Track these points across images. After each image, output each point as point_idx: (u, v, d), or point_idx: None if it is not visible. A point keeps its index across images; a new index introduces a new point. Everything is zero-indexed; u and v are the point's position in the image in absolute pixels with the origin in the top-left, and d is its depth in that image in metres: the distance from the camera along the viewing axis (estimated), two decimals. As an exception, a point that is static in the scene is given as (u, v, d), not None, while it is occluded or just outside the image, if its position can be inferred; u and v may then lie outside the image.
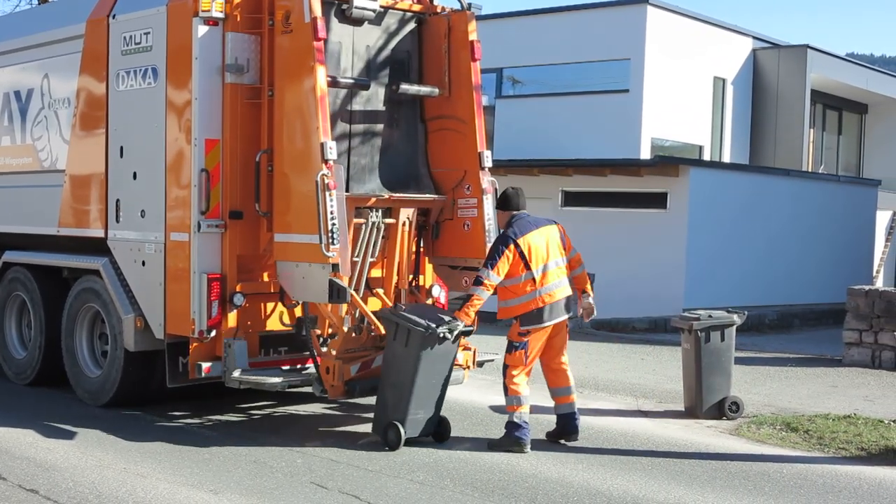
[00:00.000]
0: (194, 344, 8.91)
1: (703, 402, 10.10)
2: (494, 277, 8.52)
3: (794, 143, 26.70)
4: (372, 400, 8.87)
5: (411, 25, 9.84)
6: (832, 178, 25.74)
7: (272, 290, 9.26)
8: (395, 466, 7.97)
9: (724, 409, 10.09)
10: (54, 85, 10.69)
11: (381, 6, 9.48)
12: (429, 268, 10.07)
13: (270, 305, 9.35)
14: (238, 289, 8.96)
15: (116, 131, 9.78)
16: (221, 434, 8.96)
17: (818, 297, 22.03)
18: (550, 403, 9.08)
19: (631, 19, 23.69)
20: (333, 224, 8.32)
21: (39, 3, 26.59)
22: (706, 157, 25.42)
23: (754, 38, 27.18)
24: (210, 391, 10.03)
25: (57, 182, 10.54)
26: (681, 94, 24.53)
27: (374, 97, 9.58)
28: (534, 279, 8.59)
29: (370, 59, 9.55)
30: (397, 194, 9.41)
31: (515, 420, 8.61)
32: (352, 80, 9.27)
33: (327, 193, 8.31)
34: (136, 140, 9.58)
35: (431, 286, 10.12)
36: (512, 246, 8.57)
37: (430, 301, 10.03)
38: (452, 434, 8.88)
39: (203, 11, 8.79)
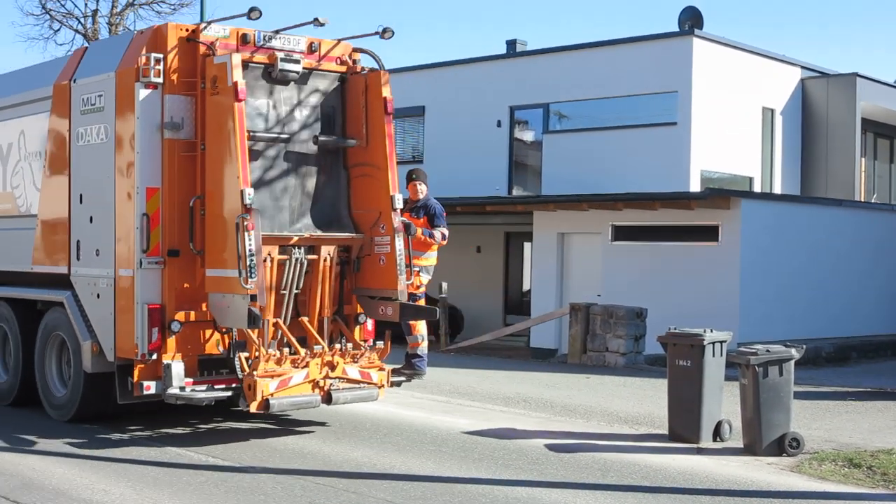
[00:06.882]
0: (138, 366, 10.21)
1: (763, 439, 10.02)
2: None
3: (845, 173, 26.09)
4: (292, 415, 9.99)
5: (335, 84, 11.16)
6: (886, 208, 25.21)
7: (209, 318, 10.52)
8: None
9: (784, 446, 9.99)
10: (28, 140, 12.14)
11: (305, 68, 10.81)
12: (354, 298, 11.31)
13: (209, 332, 10.62)
14: (175, 317, 10.25)
15: (77, 181, 11.18)
16: (177, 448, 10.13)
17: (875, 329, 21.59)
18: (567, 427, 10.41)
19: (678, 52, 23.34)
20: (251, 260, 9.63)
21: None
22: (756, 188, 24.87)
23: (802, 67, 26.63)
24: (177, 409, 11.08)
25: (31, 225, 11.97)
26: (729, 125, 23.95)
27: (302, 147, 10.89)
28: None
29: (296, 114, 10.87)
30: (318, 233, 10.69)
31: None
32: (274, 135, 10.63)
33: (246, 234, 9.63)
34: (92, 188, 10.96)
35: (359, 314, 11.35)
36: None
37: (356, 328, 11.27)
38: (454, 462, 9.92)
39: (143, 77, 10.16)
